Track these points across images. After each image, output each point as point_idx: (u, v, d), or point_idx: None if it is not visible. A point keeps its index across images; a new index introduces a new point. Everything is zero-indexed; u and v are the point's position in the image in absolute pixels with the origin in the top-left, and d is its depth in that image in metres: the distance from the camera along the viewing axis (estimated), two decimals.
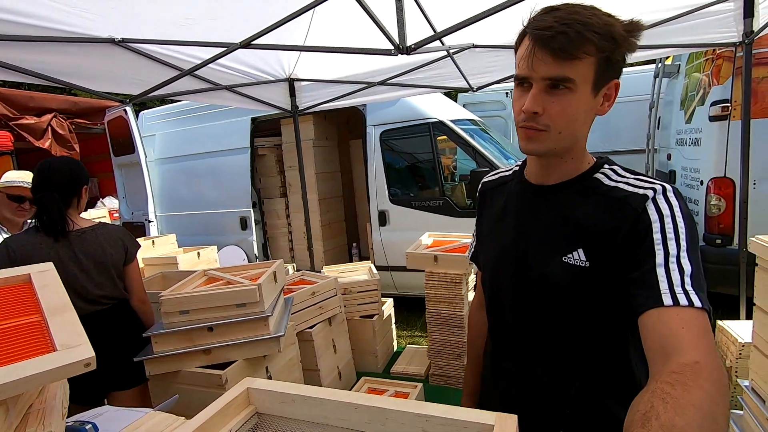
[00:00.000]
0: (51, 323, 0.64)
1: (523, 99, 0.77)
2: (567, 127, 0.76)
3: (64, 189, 1.77)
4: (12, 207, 2.30)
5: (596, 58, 0.72)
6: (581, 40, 0.70)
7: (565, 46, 0.70)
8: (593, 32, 0.70)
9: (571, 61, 0.71)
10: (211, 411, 0.61)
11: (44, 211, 1.72)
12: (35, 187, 1.75)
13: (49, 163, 1.78)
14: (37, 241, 1.71)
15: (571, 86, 0.73)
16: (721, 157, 3.36)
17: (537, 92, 0.74)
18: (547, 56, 0.72)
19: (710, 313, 0.66)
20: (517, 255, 0.88)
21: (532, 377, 0.90)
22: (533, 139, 0.78)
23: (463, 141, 4.03)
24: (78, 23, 1.78)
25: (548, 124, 0.76)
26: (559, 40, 0.70)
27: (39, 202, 1.73)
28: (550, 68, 0.72)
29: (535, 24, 0.73)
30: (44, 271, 0.78)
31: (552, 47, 0.71)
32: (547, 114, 0.75)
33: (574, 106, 0.75)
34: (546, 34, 0.70)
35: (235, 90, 2.91)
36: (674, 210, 0.73)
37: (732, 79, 3.25)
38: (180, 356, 1.60)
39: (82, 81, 2.15)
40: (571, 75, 0.72)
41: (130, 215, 4.97)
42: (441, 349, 2.36)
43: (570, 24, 0.69)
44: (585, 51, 0.71)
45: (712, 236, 3.44)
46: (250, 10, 2.01)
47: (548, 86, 0.74)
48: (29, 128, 5.12)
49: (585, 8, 0.73)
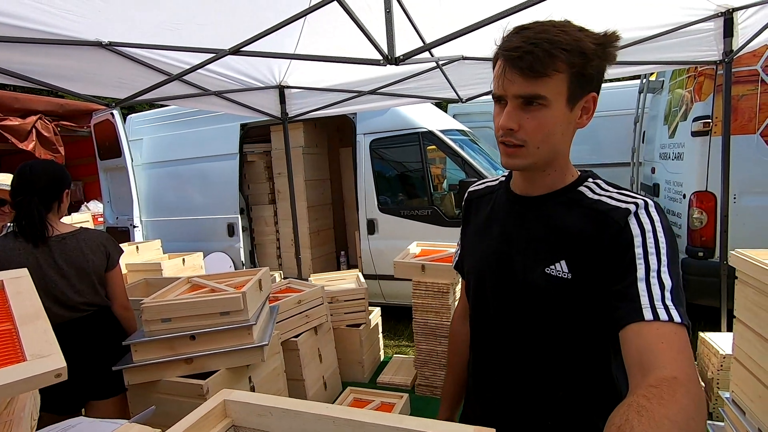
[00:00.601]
0: (22, 332, 0.62)
1: (499, 117, 0.79)
2: (544, 142, 0.78)
3: (45, 193, 1.73)
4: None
5: (567, 73, 0.74)
6: (549, 59, 0.72)
7: (533, 65, 0.72)
8: (561, 49, 0.71)
9: (540, 78, 0.73)
10: (186, 423, 0.60)
11: (24, 215, 1.68)
12: (15, 190, 1.71)
13: (30, 166, 1.74)
14: (15, 246, 1.67)
15: (544, 102, 0.75)
16: (703, 172, 3.43)
17: (511, 109, 0.77)
18: (516, 76, 0.74)
19: (689, 328, 0.67)
20: (502, 263, 0.89)
21: (513, 387, 0.90)
22: (512, 155, 0.80)
23: (453, 151, 4.06)
24: (63, 25, 1.76)
25: (525, 140, 0.78)
26: (526, 59, 0.72)
27: (19, 206, 1.68)
28: (521, 87, 0.74)
29: (505, 45, 0.75)
30: (18, 278, 0.76)
31: (520, 67, 0.73)
32: (523, 130, 0.77)
33: (549, 121, 0.76)
34: (513, 55, 0.73)
35: (224, 96, 2.90)
36: (655, 225, 0.75)
37: (713, 95, 3.34)
38: (160, 365, 1.57)
39: (67, 83, 2.12)
40: (542, 92, 0.74)
41: (115, 220, 4.89)
42: (427, 359, 2.35)
43: (537, 43, 0.71)
44: (554, 68, 0.72)
45: (695, 249, 3.50)
46: (241, 16, 2.01)
47: (522, 103, 0.76)
48: (13, 130, 5.01)
49: (555, 25, 0.74)
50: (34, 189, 1.70)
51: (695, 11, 2.23)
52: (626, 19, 2.26)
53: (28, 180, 1.70)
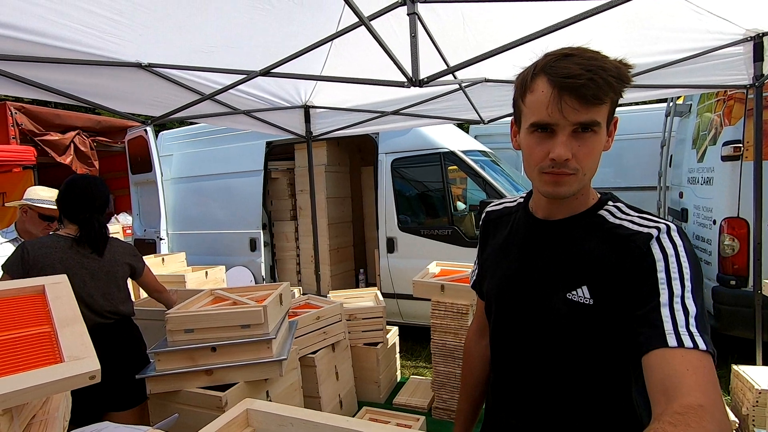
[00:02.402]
0: (60, 334, 0.66)
1: (544, 145, 0.77)
2: (592, 168, 0.79)
3: (102, 209, 1.94)
4: (41, 225, 2.37)
5: (612, 100, 0.75)
6: (607, 86, 0.72)
7: (597, 93, 0.72)
8: (612, 77, 0.72)
9: (598, 106, 0.73)
10: (210, 430, 0.61)
11: (90, 230, 1.86)
12: (76, 207, 1.87)
13: (90, 185, 1.92)
14: (52, 244, 1.77)
15: (597, 129, 0.75)
16: (734, 197, 3.33)
17: (566, 139, 0.75)
18: (576, 103, 0.72)
19: (714, 356, 0.66)
20: (522, 288, 0.88)
21: (534, 411, 0.89)
22: (562, 184, 0.78)
23: (474, 172, 4.07)
24: (107, 47, 1.87)
25: (577, 168, 0.76)
26: (590, 87, 0.71)
27: (85, 223, 1.86)
28: (581, 114, 0.73)
29: (560, 71, 0.73)
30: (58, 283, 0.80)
31: (583, 94, 0.72)
32: (575, 158, 0.76)
33: (598, 147, 0.77)
34: (577, 83, 0.71)
35: (252, 114, 3.00)
36: (678, 250, 0.74)
37: (744, 120, 3.27)
38: (181, 375, 1.59)
39: (108, 101, 2.25)
40: (598, 119, 0.75)
41: (143, 232, 5.05)
42: (445, 381, 2.31)
43: (595, 71, 0.71)
44: (608, 96, 0.74)
45: (726, 277, 3.37)
46: (272, 40, 2.10)
47: (574, 131, 0.75)
48: (53, 144, 5.29)
49: (595, 53, 0.75)
50: (95, 206, 1.90)
51: (724, 35, 2.21)
52: (654, 43, 2.26)
53: (92, 198, 1.90)
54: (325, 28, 1.98)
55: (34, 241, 1.81)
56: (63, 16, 1.60)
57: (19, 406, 0.58)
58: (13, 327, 0.68)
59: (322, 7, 1.94)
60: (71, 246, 1.81)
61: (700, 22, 2.07)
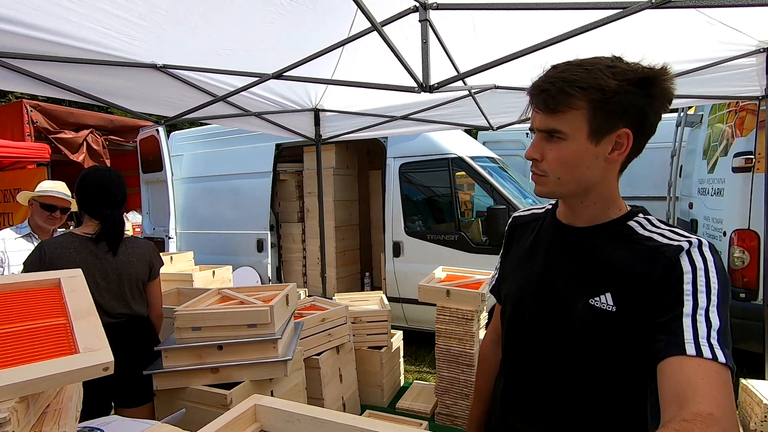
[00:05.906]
0: (75, 326, 0.67)
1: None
2: (565, 173, 0.81)
3: (121, 205, 1.91)
4: (43, 215, 2.41)
5: (586, 109, 0.77)
6: (562, 96, 0.76)
7: (547, 102, 0.78)
8: (576, 87, 0.75)
9: (555, 114, 0.78)
10: (217, 425, 0.63)
11: (111, 227, 1.84)
12: (101, 204, 1.83)
13: (110, 180, 1.88)
14: (67, 244, 1.79)
15: (562, 136, 0.79)
16: (745, 209, 3.29)
17: (536, 141, 0.84)
18: (537, 112, 0.82)
19: (734, 372, 0.65)
20: (543, 291, 0.89)
21: (544, 414, 0.89)
22: (537, 183, 0.86)
23: (482, 178, 4.07)
24: (124, 48, 1.91)
25: (545, 170, 0.83)
26: (541, 97, 0.79)
27: (107, 219, 1.83)
28: (541, 121, 0.81)
29: (533, 83, 0.82)
30: (73, 277, 0.82)
31: (542, 101, 0.80)
32: (546, 161, 0.83)
33: (567, 153, 0.80)
34: (533, 93, 0.81)
35: (263, 117, 3.04)
36: (708, 264, 0.73)
37: (756, 131, 3.24)
38: (188, 372, 1.61)
39: (122, 101, 2.29)
40: (558, 126, 0.79)
41: (152, 230, 5.11)
42: (449, 387, 2.31)
43: (553, 82, 0.77)
44: (567, 105, 0.77)
45: (736, 290, 3.33)
46: (284, 43, 2.13)
47: (545, 136, 0.82)
48: (66, 142, 5.39)
49: (581, 64, 0.77)
50: (116, 202, 1.86)
51: (736, 46, 2.20)
52: (665, 53, 2.25)
53: (113, 194, 1.86)
54: (337, 33, 2.01)
55: (50, 240, 1.82)
56: (83, 17, 1.64)
57: (35, 394, 0.60)
58: (31, 318, 0.70)
59: (334, 11, 1.96)
60: (86, 246, 1.81)
61: (713, 33, 2.06)
